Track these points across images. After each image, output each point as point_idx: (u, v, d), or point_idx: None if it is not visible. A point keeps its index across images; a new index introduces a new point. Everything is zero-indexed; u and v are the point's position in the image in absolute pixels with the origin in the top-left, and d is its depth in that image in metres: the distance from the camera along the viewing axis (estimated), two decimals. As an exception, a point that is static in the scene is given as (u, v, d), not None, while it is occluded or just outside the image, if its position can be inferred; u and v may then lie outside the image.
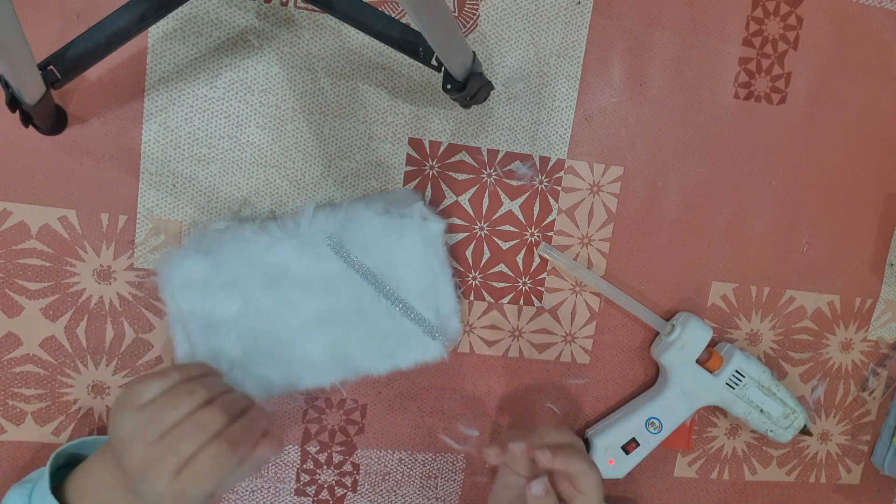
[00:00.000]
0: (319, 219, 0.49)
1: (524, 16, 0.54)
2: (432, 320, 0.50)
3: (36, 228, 0.51)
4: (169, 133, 0.51)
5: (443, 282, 0.51)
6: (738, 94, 0.58)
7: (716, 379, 0.57)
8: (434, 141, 0.55)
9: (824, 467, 0.66)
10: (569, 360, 0.59)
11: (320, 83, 0.53)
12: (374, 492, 0.58)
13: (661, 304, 0.60)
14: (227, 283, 0.47)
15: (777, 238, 0.61)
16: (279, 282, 0.48)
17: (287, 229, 0.49)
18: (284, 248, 0.48)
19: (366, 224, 0.49)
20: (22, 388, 0.52)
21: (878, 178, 0.62)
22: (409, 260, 0.50)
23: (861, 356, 0.64)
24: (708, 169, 0.59)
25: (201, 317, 0.47)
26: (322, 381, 0.49)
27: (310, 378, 0.49)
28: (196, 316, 0.47)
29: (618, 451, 0.57)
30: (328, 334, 0.49)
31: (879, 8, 0.59)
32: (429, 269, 0.50)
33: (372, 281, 0.49)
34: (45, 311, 0.51)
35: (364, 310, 0.49)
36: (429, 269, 0.50)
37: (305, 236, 0.49)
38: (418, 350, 0.50)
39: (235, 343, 0.48)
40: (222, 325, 0.48)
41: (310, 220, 0.49)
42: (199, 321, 0.47)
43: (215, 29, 0.51)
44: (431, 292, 0.51)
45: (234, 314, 0.48)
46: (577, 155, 0.57)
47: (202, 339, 0.48)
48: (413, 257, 0.50)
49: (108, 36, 0.42)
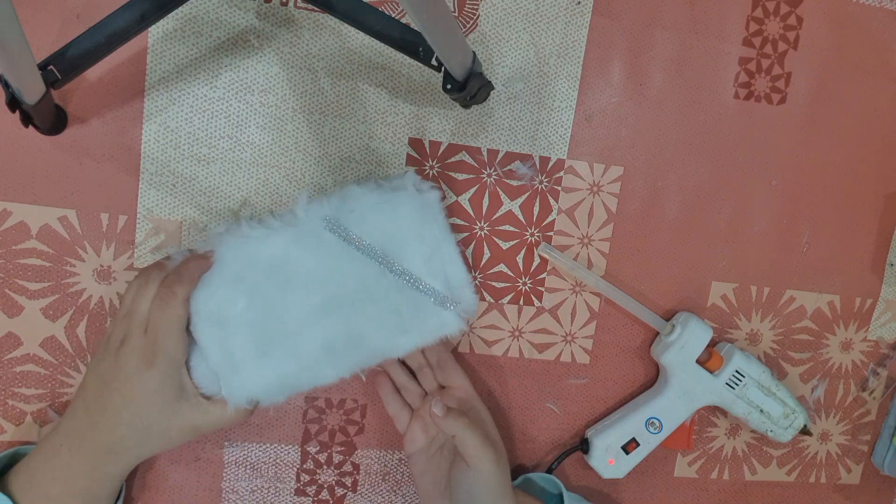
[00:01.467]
0: (314, 205, 0.48)
1: (524, 16, 0.54)
2: (442, 290, 0.49)
3: (36, 228, 0.51)
4: (169, 133, 0.51)
5: (447, 249, 0.50)
6: (738, 94, 0.58)
7: (716, 379, 0.57)
8: (434, 141, 0.55)
9: (824, 467, 0.66)
10: (569, 360, 0.59)
11: (320, 83, 0.53)
12: (374, 492, 0.58)
13: (661, 304, 0.60)
14: (231, 281, 0.47)
15: (777, 238, 0.61)
16: (281, 272, 0.47)
17: (284, 220, 0.48)
18: (283, 239, 0.48)
19: (360, 200, 0.48)
20: (22, 387, 0.52)
21: (878, 178, 0.62)
22: (409, 231, 0.49)
23: (861, 356, 0.64)
24: (708, 169, 0.59)
25: (208, 317, 0.47)
26: (341, 369, 0.48)
27: (328, 367, 0.48)
28: (202, 316, 0.47)
29: (618, 451, 0.57)
30: (338, 317, 0.48)
31: (879, 8, 0.59)
32: (431, 238, 0.49)
33: (375, 256, 0.48)
34: (45, 311, 0.51)
35: (370, 288, 0.48)
36: (431, 237, 0.49)
37: (302, 223, 0.48)
38: (434, 322, 0.49)
39: (245, 340, 0.47)
40: (231, 322, 0.47)
41: (305, 208, 0.48)
42: (206, 322, 0.47)
43: (215, 29, 0.51)
44: (437, 261, 0.49)
45: (240, 310, 0.47)
46: (577, 155, 0.57)
47: (211, 340, 0.47)
48: (412, 227, 0.49)
49: (108, 36, 0.42)
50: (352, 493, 0.58)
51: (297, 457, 0.57)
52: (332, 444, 0.57)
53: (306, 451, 0.57)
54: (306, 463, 0.57)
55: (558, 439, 0.60)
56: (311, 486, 0.57)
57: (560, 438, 0.60)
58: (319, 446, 0.57)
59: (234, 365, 0.47)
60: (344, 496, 0.58)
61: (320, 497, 0.57)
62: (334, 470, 0.57)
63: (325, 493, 0.57)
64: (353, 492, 0.58)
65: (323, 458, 0.57)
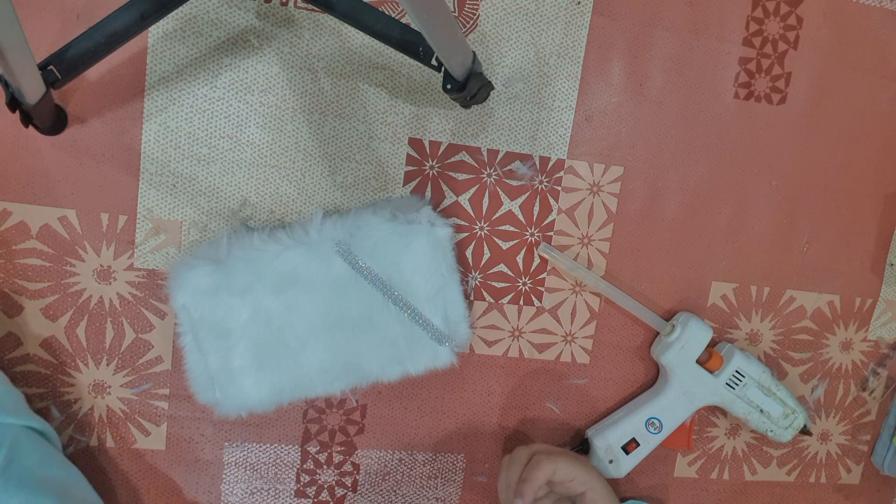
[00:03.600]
0: (328, 226, 0.49)
1: (524, 16, 0.54)
2: (441, 326, 0.50)
3: (36, 228, 0.51)
4: (169, 133, 0.51)
5: (451, 287, 0.51)
6: (738, 94, 0.58)
7: (716, 379, 0.57)
8: (434, 141, 0.55)
9: (824, 467, 0.66)
10: (569, 360, 0.59)
11: (320, 83, 0.53)
12: (374, 492, 0.58)
13: (661, 304, 0.60)
14: (238, 291, 0.48)
15: (777, 238, 0.61)
16: (288, 289, 0.48)
17: (296, 237, 0.49)
18: (294, 256, 0.48)
19: (374, 230, 0.49)
20: (23, 387, 0.52)
21: (878, 178, 0.62)
22: (418, 265, 0.50)
23: (861, 356, 0.64)
24: (708, 169, 0.59)
25: (212, 325, 0.47)
26: (332, 388, 0.49)
27: (321, 386, 0.49)
28: (207, 324, 0.47)
29: (618, 451, 0.57)
30: (338, 341, 0.49)
31: (879, 8, 0.59)
32: (437, 275, 0.51)
33: (380, 287, 0.49)
34: (45, 311, 0.51)
35: (373, 316, 0.49)
36: (437, 274, 0.51)
37: (314, 244, 0.49)
38: (428, 356, 0.50)
39: (245, 350, 0.48)
40: (232, 332, 0.48)
41: (318, 228, 0.49)
42: (209, 329, 0.48)
43: (215, 29, 0.51)
44: (440, 297, 0.51)
45: (244, 322, 0.48)
46: (577, 155, 0.57)
47: (213, 347, 0.48)
48: (421, 263, 0.50)
49: (108, 36, 0.42)
50: (352, 494, 0.58)
51: (297, 457, 0.57)
52: (332, 443, 0.57)
53: (306, 451, 0.57)
54: (306, 463, 0.57)
55: (558, 439, 0.60)
56: (311, 487, 0.57)
57: (560, 438, 0.60)
58: (319, 446, 0.57)
59: (231, 374, 0.48)
60: (344, 496, 0.58)
61: (320, 497, 0.57)
62: (334, 470, 0.57)
63: (326, 493, 0.57)
64: (353, 492, 0.58)
65: (323, 457, 0.57)
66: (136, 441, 0.54)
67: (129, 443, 0.54)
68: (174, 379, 0.54)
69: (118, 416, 0.53)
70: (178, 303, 0.48)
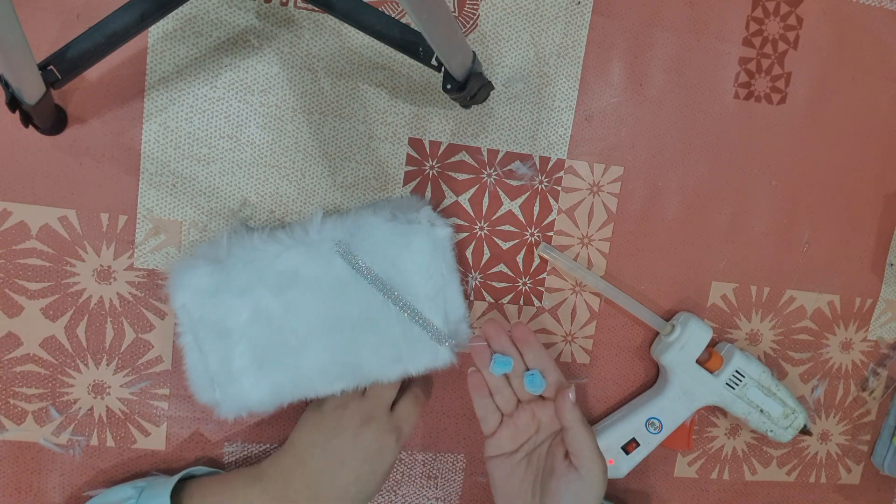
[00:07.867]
0: (328, 226, 0.49)
1: (524, 16, 0.54)
2: (441, 326, 0.50)
3: (36, 228, 0.51)
4: (169, 133, 0.51)
5: (451, 287, 0.51)
6: (738, 94, 0.58)
7: (716, 379, 0.57)
8: (434, 141, 0.55)
9: (824, 467, 0.66)
10: (569, 360, 0.59)
11: (320, 83, 0.53)
12: (374, 492, 0.58)
13: (661, 304, 0.60)
14: (238, 291, 0.48)
15: (777, 238, 0.61)
16: (289, 289, 0.48)
17: (296, 237, 0.49)
18: (294, 256, 0.48)
19: (374, 230, 0.49)
20: (23, 387, 0.52)
21: (878, 178, 0.62)
22: (418, 265, 0.50)
23: (861, 356, 0.64)
24: (708, 169, 0.59)
25: (212, 325, 0.47)
26: (333, 388, 0.49)
27: (321, 386, 0.49)
28: (207, 324, 0.47)
29: (618, 451, 0.57)
30: (338, 341, 0.49)
31: (879, 8, 0.59)
32: (437, 275, 0.50)
33: (380, 287, 0.49)
34: (45, 311, 0.52)
35: (373, 316, 0.49)
36: (437, 274, 0.50)
37: (314, 243, 0.49)
38: (428, 356, 0.50)
39: (245, 350, 0.48)
40: (232, 332, 0.48)
41: (318, 228, 0.49)
42: (209, 329, 0.48)
43: (215, 29, 0.51)
44: (440, 297, 0.51)
45: (244, 322, 0.48)
46: (577, 155, 0.57)
47: (213, 347, 0.48)
48: (421, 263, 0.50)
49: (108, 36, 0.42)
50: (352, 493, 0.58)
51: (297, 457, 0.56)
52: (332, 444, 0.57)
53: (306, 451, 0.57)
54: (306, 463, 0.57)
55: (558, 439, 0.60)
56: (311, 486, 0.57)
57: (560, 438, 0.60)
58: (319, 446, 0.57)
59: (231, 374, 0.48)
60: (344, 496, 0.58)
61: (320, 497, 0.57)
62: (334, 470, 0.57)
63: (325, 493, 0.57)
64: (353, 492, 0.58)
65: (323, 458, 0.57)
66: (135, 441, 0.54)
67: (129, 443, 0.54)
68: (174, 379, 0.54)
69: (118, 417, 0.54)
70: (177, 303, 0.48)
